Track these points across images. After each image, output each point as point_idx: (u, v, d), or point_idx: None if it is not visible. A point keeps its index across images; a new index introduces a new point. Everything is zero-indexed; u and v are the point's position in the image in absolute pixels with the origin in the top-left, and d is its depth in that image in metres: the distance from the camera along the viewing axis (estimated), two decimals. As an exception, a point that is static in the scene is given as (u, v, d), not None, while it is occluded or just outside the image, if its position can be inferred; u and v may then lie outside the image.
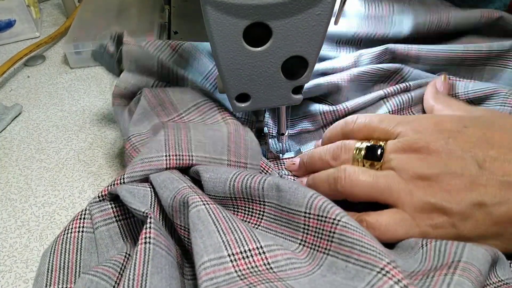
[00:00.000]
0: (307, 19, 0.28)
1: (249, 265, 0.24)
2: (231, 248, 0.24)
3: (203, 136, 0.34)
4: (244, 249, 0.25)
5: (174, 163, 0.32)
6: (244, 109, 0.34)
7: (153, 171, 0.32)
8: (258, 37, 0.29)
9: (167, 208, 0.29)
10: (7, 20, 0.62)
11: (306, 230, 0.26)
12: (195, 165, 0.32)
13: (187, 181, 0.31)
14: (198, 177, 0.31)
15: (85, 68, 0.57)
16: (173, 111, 0.38)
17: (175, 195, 0.28)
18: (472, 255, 0.24)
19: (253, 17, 0.27)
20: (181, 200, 0.28)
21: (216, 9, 0.27)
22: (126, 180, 0.32)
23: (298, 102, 0.34)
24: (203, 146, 0.33)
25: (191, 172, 0.33)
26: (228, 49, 0.29)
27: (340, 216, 0.24)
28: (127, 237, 0.31)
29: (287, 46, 0.29)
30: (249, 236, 0.25)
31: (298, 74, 0.32)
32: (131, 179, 0.32)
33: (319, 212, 0.25)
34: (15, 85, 0.55)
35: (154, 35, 0.56)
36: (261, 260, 0.25)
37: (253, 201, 0.29)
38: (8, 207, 0.39)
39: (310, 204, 0.26)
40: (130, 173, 0.32)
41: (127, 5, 0.64)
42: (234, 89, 0.32)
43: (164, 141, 0.33)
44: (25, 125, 0.48)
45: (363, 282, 0.22)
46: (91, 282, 0.26)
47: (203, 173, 0.31)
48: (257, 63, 0.30)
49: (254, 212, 0.29)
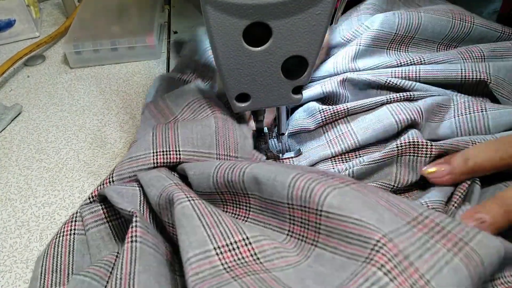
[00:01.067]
0: (307, 18, 0.28)
1: (235, 257, 0.24)
2: (216, 241, 0.24)
3: (191, 131, 0.34)
4: (230, 241, 0.25)
5: (161, 160, 0.32)
6: (244, 109, 0.34)
7: (141, 168, 0.32)
8: (258, 37, 0.29)
9: (154, 206, 0.29)
10: (7, 20, 0.62)
11: (292, 221, 0.26)
12: (183, 162, 0.32)
13: (174, 178, 0.31)
14: (185, 174, 0.32)
15: (85, 68, 0.57)
16: (170, 115, 0.38)
17: (161, 193, 0.29)
18: (482, 244, 0.23)
19: (253, 17, 0.27)
20: (167, 198, 0.28)
21: (216, 9, 0.27)
22: (115, 178, 0.32)
23: (298, 102, 0.34)
24: (191, 141, 0.33)
25: (179, 169, 0.33)
26: (228, 49, 0.29)
27: (321, 202, 0.24)
28: (118, 237, 0.31)
29: (287, 46, 0.29)
30: (235, 229, 0.25)
31: (298, 74, 0.32)
32: (119, 177, 0.32)
33: (302, 202, 0.25)
34: (15, 85, 0.55)
35: (154, 35, 0.56)
36: (247, 251, 0.24)
37: (238, 194, 0.29)
38: (8, 207, 0.39)
39: (291, 195, 0.25)
40: (118, 172, 0.32)
41: (127, 5, 0.64)
42: (234, 89, 0.32)
43: (152, 139, 0.33)
44: (25, 125, 0.48)
45: (348, 272, 0.22)
46: (82, 283, 0.27)
47: (188, 170, 0.31)
48: (257, 63, 0.30)
49: (241, 204, 0.29)
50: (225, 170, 0.29)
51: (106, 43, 0.56)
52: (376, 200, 0.24)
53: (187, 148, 0.33)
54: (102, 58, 0.57)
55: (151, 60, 0.58)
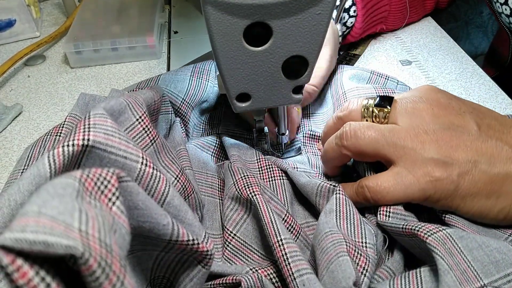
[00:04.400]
0: (308, 18, 0.28)
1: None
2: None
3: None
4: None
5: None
6: (245, 109, 0.34)
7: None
8: (258, 37, 0.29)
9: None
10: (7, 19, 0.62)
11: None
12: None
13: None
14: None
15: (85, 67, 0.57)
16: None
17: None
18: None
19: (254, 16, 0.27)
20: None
21: (216, 9, 0.27)
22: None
23: (298, 102, 0.34)
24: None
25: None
26: (228, 49, 0.29)
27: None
28: None
29: (287, 46, 0.29)
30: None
31: (299, 74, 0.32)
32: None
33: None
34: (15, 85, 0.55)
35: (154, 35, 0.56)
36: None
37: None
38: (8, 207, 0.39)
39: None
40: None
41: (127, 5, 0.64)
42: (235, 89, 0.32)
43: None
44: (25, 125, 0.48)
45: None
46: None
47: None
48: (257, 62, 0.30)
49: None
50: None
51: (106, 43, 0.56)
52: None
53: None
54: (102, 58, 0.57)
55: (151, 60, 0.58)
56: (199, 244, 0.24)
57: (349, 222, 0.29)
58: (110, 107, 0.28)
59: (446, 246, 0.26)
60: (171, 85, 0.42)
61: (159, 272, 0.27)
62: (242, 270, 0.29)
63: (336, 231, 0.27)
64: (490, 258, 0.25)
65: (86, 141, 0.23)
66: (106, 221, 0.18)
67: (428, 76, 0.51)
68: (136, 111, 0.30)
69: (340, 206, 0.30)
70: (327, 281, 0.25)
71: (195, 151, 0.39)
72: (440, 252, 0.25)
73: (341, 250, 0.26)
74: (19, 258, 0.14)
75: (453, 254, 0.25)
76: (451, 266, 0.25)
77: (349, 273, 0.25)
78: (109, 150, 0.24)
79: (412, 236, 0.28)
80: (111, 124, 0.25)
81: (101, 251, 0.16)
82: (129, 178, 0.22)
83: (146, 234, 0.23)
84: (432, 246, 0.26)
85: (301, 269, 0.26)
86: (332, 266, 0.25)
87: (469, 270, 0.25)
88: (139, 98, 0.31)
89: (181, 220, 0.26)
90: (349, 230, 0.29)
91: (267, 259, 0.31)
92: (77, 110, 0.36)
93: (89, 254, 0.15)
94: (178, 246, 0.24)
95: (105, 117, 0.25)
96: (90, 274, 0.15)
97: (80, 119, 0.35)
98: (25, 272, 0.14)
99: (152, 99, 0.34)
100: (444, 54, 0.55)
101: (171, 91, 0.41)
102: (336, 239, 0.27)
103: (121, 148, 0.25)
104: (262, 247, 0.32)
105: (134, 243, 0.24)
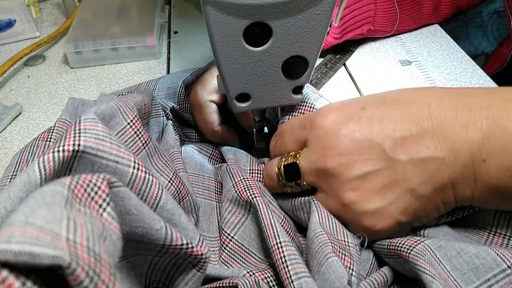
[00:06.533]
0: (308, 18, 0.28)
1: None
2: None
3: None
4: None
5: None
6: (244, 109, 0.34)
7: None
8: (258, 37, 0.29)
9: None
10: (7, 20, 0.62)
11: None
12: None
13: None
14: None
15: (85, 68, 0.57)
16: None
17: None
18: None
19: (253, 16, 0.27)
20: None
21: (216, 9, 0.27)
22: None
23: (298, 102, 0.34)
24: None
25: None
26: (228, 49, 0.29)
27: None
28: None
29: (287, 46, 0.29)
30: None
31: (299, 74, 0.32)
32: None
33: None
34: (15, 85, 0.55)
35: (154, 35, 0.56)
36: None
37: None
38: (8, 207, 0.39)
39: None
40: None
41: (127, 5, 0.64)
42: (234, 89, 0.32)
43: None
44: (25, 125, 0.48)
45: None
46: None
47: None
48: (257, 63, 0.30)
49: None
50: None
51: (106, 43, 0.56)
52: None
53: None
54: (102, 58, 0.57)
55: (151, 60, 0.58)
56: (193, 247, 0.24)
57: (330, 221, 0.29)
58: (101, 112, 0.27)
59: (426, 257, 0.26)
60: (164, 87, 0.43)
61: (154, 276, 0.27)
62: (239, 273, 0.29)
63: (320, 232, 0.28)
64: (470, 265, 0.26)
65: (77, 146, 0.23)
66: (96, 228, 0.18)
67: (428, 76, 0.51)
68: (127, 115, 0.30)
69: (321, 207, 0.30)
70: (320, 284, 0.25)
71: (191, 154, 0.40)
72: (421, 266, 0.25)
73: (328, 251, 0.26)
74: (4, 270, 0.14)
75: (433, 265, 0.26)
76: (434, 275, 0.25)
77: (341, 273, 0.25)
78: (100, 155, 0.24)
79: (397, 257, 0.28)
80: (102, 128, 0.25)
81: (90, 260, 0.15)
82: (120, 183, 0.21)
83: (139, 239, 0.23)
84: (413, 263, 0.26)
85: (299, 272, 0.26)
86: (323, 268, 0.26)
87: (449, 280, 0.25)
88: (130, 102, 0.31)
89: (175, 224, 0.26)
90: (331, 228, 0.29)
91: (264, 262, 0.31)
92: (67, 115, 0.36)
93: (77, 264, 0.15)
94: (172, 250, 0.24)
95: (96, 122, 0.25)
96: (77, 284, 0.15)
97: (70, 124, 0.35)
98: (10, 284, 0.14)
99: (142, 102, 0.34)
100: (444, 54, 0.55)
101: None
102: (322, 241, 0.27)
103: (112, 153, 0.24)
104: (259, 250, 0.32)
105: (127, 248, 0.24)
